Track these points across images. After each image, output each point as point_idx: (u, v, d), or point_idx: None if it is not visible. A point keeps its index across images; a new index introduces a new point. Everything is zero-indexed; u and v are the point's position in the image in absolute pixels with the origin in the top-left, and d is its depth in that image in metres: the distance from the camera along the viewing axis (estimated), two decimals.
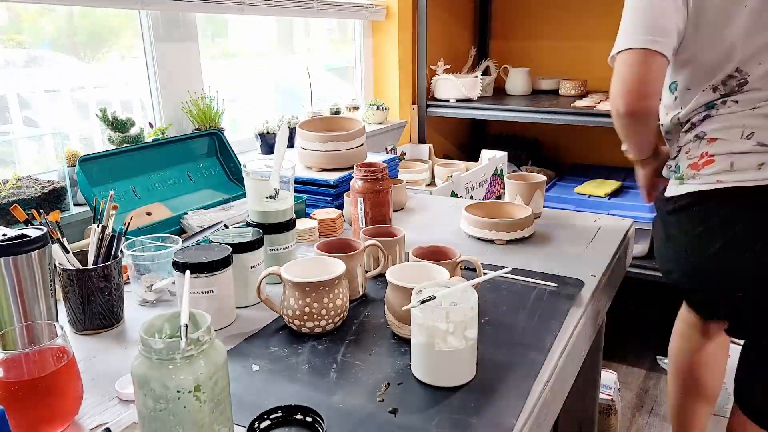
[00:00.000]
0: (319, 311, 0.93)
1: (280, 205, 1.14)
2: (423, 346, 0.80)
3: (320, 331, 0.94)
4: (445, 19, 2.95)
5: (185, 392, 0.61)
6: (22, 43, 1.53)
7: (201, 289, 0.96)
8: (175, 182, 1.49)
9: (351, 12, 2.39)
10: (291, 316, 0.95)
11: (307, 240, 1.36)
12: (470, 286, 0.84)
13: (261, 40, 2.33)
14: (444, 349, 0.78)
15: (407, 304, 0.82)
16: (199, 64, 1.77)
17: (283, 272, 0.95)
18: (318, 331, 0.94)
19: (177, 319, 0.66)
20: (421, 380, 0.82)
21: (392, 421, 0.75)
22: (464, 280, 0.88)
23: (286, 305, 0.95)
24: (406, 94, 2.74)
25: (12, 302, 0.86)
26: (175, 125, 1.70)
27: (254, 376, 0.85)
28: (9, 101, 1.54)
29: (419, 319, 0.79)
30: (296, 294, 0.93)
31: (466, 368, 0.81)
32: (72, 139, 1.66)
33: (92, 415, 0.77)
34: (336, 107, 2.32)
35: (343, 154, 1.59)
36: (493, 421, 0.74)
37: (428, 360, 0.80)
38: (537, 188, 1.49)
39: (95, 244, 0.99)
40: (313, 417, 0.67)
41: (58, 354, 0.74)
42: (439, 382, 0.81)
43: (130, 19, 1.67)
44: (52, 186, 1.30)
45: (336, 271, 0.95)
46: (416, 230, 1.45)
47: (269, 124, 2.01)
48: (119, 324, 1.01)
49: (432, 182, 2.44)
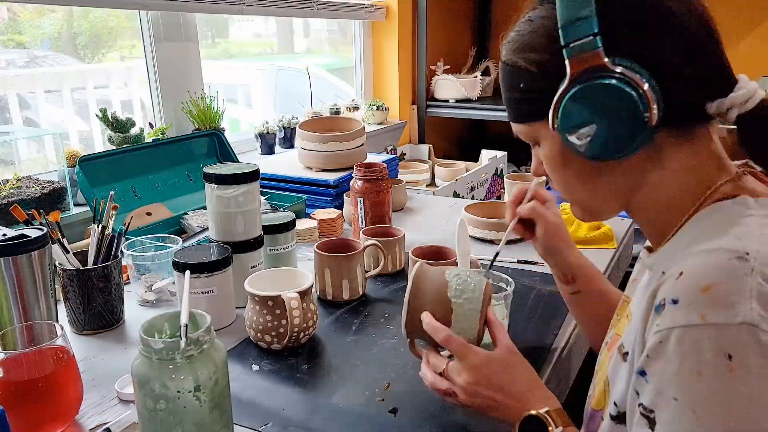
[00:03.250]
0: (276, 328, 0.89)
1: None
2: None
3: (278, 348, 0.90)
4: (445, 19, 2.95)
5: (185, 392, 0.61)
6: (22, 43, 1.53)
7: (201, 289, 0.96)
8: (175, 182, 1.49)
9: (351, 12, 2.39)
10: (255, 329, 0.91)
11: (307, 240, 1.36)
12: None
13: (261, 40, 2.33)
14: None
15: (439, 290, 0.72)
16: (199, 65, 1.77)
17: (247, 285, 0.92)
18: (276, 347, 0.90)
19: (177, 319, 0.66)
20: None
21: (392, 421, 0.75)
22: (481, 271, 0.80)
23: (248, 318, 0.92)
24: (406, 94, 2.73)
25: (12, 302, 0.86)
26: (175, 125, 1.69)
27: (254, 376, 0.85)
28: (9, 101, 1.54)
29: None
30: (256, 309, 0.91)
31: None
32: (72, 139, 1.66)
33: (92, 415, 0.77)
34: (336, 107, 2.32)
35: (343, 154, 1.58)
36: (492, 421, 0.74)
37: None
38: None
39: (95, 244, 0.99)
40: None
41: (58, 354, 0.74)
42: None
43: (130, 19, 1.67)
44: (52, 186, 1.30)
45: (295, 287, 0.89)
46: (416, 230, 1.45)
47: (269, 125, 2.01)
48: (119, 324, 1.01)
49: (432, 182, 2.44)
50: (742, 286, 0.46)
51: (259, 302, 0.90)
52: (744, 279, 0.46)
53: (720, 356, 0.45)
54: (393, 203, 1.61)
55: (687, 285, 0.48)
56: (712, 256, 0.49)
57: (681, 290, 0.48)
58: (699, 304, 0.47)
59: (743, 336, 0.45)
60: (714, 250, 0.50)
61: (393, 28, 2.57)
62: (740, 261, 0.47)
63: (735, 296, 0.46)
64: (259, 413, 0.76)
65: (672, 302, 0.48)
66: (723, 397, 0.45)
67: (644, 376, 0.50)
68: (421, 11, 2.59)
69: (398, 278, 1.17)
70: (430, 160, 2.62)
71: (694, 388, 0.46)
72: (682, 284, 0.48)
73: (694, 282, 0.48)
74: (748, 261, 0.47)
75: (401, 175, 1.85)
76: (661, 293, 0.50)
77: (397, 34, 2.58)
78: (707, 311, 0.46)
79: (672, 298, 0.48)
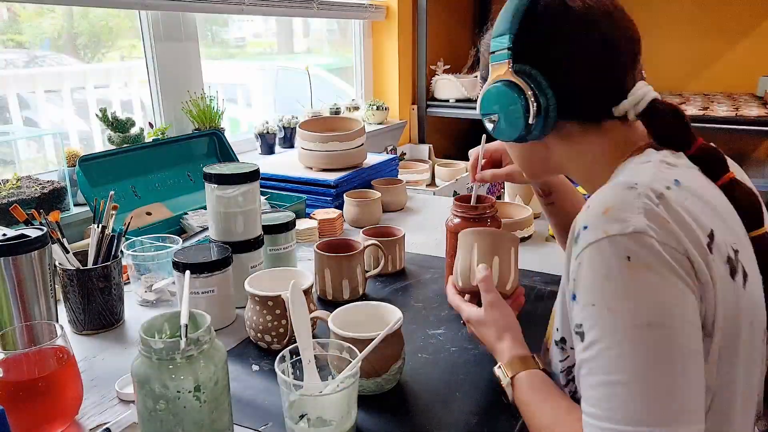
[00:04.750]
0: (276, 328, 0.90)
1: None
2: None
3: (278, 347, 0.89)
4: (445, 19, 2.95)
5: (185, 392, 0.61)
6: (22, 43, 1.53)
7: (201, 289, 0.96)
8: (175, 182, 1.49)
9: (351, 12, 2.39)
10: (254, 329, 0.92)
11: (307, 240, 1.36)
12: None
13: (261, 40, 2.33)
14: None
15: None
16: (199, 64, 1.77)
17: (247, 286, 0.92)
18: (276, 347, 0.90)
19: (177, 319, 0.66)
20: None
21: (392, 421, 0.75)
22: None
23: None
24: (406, 94, 2.73)
25: (12, 302, 0.86)
26: (175, 125, 1.69)
27: (254, 376, 0.85)
28: (9, 101, 1.54)
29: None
30: (256, 309, 0.91)
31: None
32: (72, 139, 1.66)
33: (92, 415, 0.77)
34: (336, 107, 2.32)
35: (343, 154, 1.58)
36: (492, 421, 0.74)
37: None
38: None
39: (95, 244, 0.99)
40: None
41: (58, 354, 0.74)
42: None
43: (130, 19, 1.67)
44: (52, 186, 1.30)
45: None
46: (416, 230, 1.45)
47: (269, 124, 2.01)
48: (119, 324, 1.01)
49: (432, 182, 2.44)
50: (632, 205, 0.58)
51: (259, 302, 0.90)
52: (633, 200, 0.58)
53: (621, 259, 0.55)
54: (393, 203, 1.61)
55: (592, 211, 0.59)
56: (611, 188, 0.62)
57: (588, 217, 0.59)
58: (601, 223, 0.57)
59: (636, 240, 0.55)
60: (613, 185, 0.62)
61: (393, 28, 2.57)
62: (630, 189, 0.59)
63: (627, 213, 0.57)
64: (259, 413, 0.76)
65: (583, 228, 0.59)
66: (630, 290, 0.55)
67: (574, 300, 0.59)
68: (421, 11, 2.59)
69: (398, 278, 1.17)
70: (430, 159, 2.62)
71: (605, 289, 0.56)
72: (589, 212, 0.59)
73: (596, 208, 0.59)
74: (636, 188, 0.59)
75: (401, 175, 1.85)
76: (576, 225, 0.60)
77: (397, 34, 2.58)
78: (607, 227, 0.57)
79: (583, 225, 0.59)
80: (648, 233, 0.55)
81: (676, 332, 0.54)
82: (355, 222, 1.47)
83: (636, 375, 0.54)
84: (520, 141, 0.73)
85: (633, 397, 0.53)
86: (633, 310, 0.55)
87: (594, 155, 0.72)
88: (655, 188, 0.59)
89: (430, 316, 1.02)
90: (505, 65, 0.69)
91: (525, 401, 0.68)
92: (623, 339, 0.55)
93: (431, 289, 1.12)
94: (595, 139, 0.71)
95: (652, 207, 0.57)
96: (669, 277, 0.55)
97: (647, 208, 0.57)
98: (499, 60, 0.70)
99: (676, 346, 0.54)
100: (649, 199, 0.58)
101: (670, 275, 0.55)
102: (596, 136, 0.71)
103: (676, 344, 0.54)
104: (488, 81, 0.73)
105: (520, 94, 0.68)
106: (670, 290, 0.55)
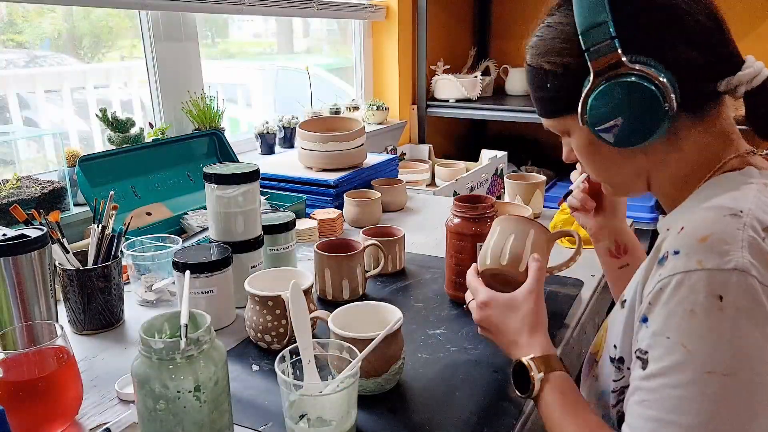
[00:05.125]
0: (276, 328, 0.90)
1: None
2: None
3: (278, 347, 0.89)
4: (445, 19, 2.95)
5: (185, 392, 0.61)
6: (22, 43, 1.53)
7: (201, 289, 0.96)
8: (175, 182, 1.49)
9: (351, 12, 2.38)
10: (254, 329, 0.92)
11: (307, 240, 1.36)
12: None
13: (261, 40, 2.34)
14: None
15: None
16: (199, 64, 1.77)
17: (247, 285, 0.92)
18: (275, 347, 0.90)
19: (177, 319, 0.66)
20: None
21: (392, 421, 0.75)
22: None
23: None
24: (406, 94, 2.73)
25: (12, 302, 0.86)
26: (175, 125, 1.69)
27: (254, 376, 0.85)
28: (9, 101, 1.54)
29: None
30: (256, 309, 0.91)
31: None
32: (72, 139, 1.66)
33: (92, 415, 0.77)
34: (336, 107, 2.32)
35: (343, 154, 1.58)
36: (493, 421, 0.74)
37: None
38: (537, 188, 1.49)
39: (95, 244, 0.99)
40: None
41: (58, 354, 0.74)
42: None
43: (130, 19, 1.67)
44: (52, 186, 1.30)
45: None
46: (416, 230, 1.45)
47: (269, 124, 2.01)
48: (119, 324, 1.01)
49: (432, 182, 2.44)
50: (735, 237, 0.51)
51: (259, 302, 0.90)
52: (737, 231, 0.51)
53: (712, 297, 0.49)
54: (393, 203, 1.61)
55: (687, 237, 0.53)
56: (711, 212, 0.54)
57: (681, 242, 0.53)
58: (697, 252, 0.51)
59: (734, 279, 0.49)
60: (713, 208, 0.55)
61: (393, 28, 2.57)
62: (735, 217, 0.53)
63: (729, 245, 0.50)
64: (259, 413, 0.76)
65: (674, 253, 0.53)
66: (713, 333, 0.49)
67: (645, 323, 0.54)
68: (421, 11, 2.59)
69: (398, 278, 1.17)
70: (430, 159, 2.62)
71: (685, 326, 0.51)
72: (683, 237, 0.53)
73: (693, 234, 0.52)
74: (741, 217, 0.52)
75: (401, 175, 1.85)
76: (665, 247, 0.54)
77: (397, 34, 2.57)
78: (703, 257, 0.51)
79: (674, 250, 0.53)
80: (750, 272, 0.49)
81: (754, 386, 0.49)
82: (355, 222, 1.47)
83: (699, 423, 0.49)
84: (637, 144, 0.62)
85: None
86: (711, 355, 0.49)
87: (687, 162, 0.63)
88: (762, 219, 0.53)
89: (430, 316, 1.02)
90: (615, 58, 0.59)
91: (549, 402, 0.64)
92: (691, 382, 0.50)
93: (431, 289, 1.12)
94: (698, 135, 0.62)
95: (758, 242, 0.51)
96: (762, 325, 0.49)
97: (752, 243, 0.51)
98: (602, 54, 0.59)
99: (749, 400, 0.49)
100: (754, 231, 0.51)
101: (765, 323, 0.49)
102: (701, 130, 0.62)
103: (750, 398, 0.49)
104: (590, 82, 0.61)
105: (657, 88, 0.57)
106: (756, 340, 0.49)
